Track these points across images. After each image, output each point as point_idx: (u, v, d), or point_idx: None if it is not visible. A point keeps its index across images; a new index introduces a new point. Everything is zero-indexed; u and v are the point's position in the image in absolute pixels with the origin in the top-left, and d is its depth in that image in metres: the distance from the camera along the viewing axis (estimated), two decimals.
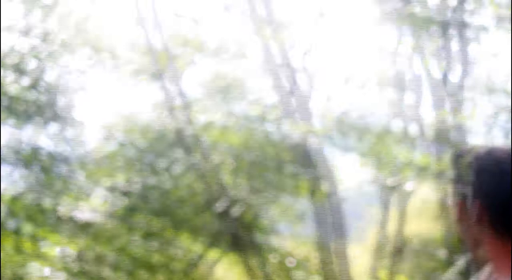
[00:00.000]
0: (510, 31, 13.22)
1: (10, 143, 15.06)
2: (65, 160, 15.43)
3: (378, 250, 19.31)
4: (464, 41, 14.69)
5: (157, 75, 15.15)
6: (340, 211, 17.63)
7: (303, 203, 17.10)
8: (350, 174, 19.82)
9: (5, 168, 15.39)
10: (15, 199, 14.95)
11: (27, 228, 14.96)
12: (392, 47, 17.48)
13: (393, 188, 18.30)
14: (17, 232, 15.05)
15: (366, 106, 18.60)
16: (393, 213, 19.61)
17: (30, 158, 14.92)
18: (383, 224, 19.37)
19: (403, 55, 17.05)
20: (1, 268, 15.19)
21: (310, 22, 16.94)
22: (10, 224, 15.23)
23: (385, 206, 19.37)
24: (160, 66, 14.99)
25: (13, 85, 14.96)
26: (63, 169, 15.46)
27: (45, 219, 15.17)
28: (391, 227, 19.50)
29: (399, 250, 19.68)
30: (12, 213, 14.95)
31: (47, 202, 15.30)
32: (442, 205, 16.67)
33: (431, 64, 15.53)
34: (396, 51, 17.48)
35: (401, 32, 15.81)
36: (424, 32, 14.92)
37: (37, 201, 15.23)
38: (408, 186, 18.22)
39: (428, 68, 15.37)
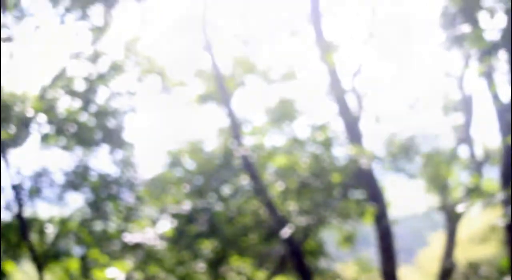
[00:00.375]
0: None
1: (77, 169, 15.14)
2: (131, 186, 15.47)
3: (444, 276, 18.98)
4: None
5: (223, 101, 15.14)
6: (402, 236, 17.45)
7: (366, 229, 16.91)
8: (416, 200, 19.62)
9: (72, 194, 15.49)
10: (82, 225, 15.02)
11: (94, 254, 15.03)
12: (458, 71, 17.32)
13: (458, 214, 18.01)
14: (84, 258, 15.11)
15: (432, 131, 18.41)
16: (459, 239, 19.29)
17: (98, 185, 14.98)
18: (448, 250, 19.03)
19: (470, 79, 16.89)
20: None
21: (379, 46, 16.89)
22: (77, 250, 15.31)
23: (451, 231, 19.04)
24: (227, 92, 14.97)
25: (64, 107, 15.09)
26: (127, 195, 15.51)
27: (110, 245, 15.21)
28: (457, 252, 19.18)
29: (465, 276, 19.40)
30: (79, 240, 15.01)
31: (112, 228, 15.36)
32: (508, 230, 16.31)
33: (499, 89, 15.28)
34: (463, 75, 17.30)
35: (468, 56, 15.62)
36: (492, 56, 14.67)
37: (103, 227, 15.29)
38: (474, 211, 17.98)
39: (496, 92, 15.13)
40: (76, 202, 15.75)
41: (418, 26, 17.01)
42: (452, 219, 19.21)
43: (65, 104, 15.13)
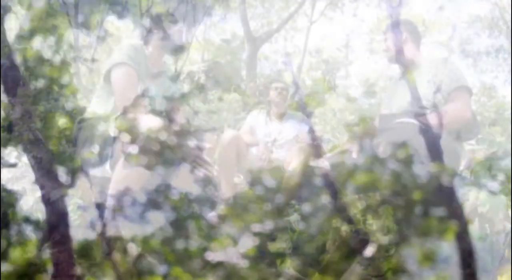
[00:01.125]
0: None
1: (159, 188, 15.27)
2: (212, 204, 15.55)
3: None
4: None
5: (303, 118, 15.16)
6: (484, 254, 17.21)
7: (447, 246, 16.74)
8: (498, 217, 19.40)
9: (153, 213, 15.62)
10: (164, 243, 15.13)
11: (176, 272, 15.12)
12: None
13: None
14: (166, 277, 15.22)
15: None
16: None
17: (179, 204, 15.09)
18: None
19: None
20: None
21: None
22: (160, 268, 15.42)
23: None
24: (307, 109, 15.00)
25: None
26: (209, 214, 15.58)
27: (192, 263, 15.30)
28: None
29: None
30: (161, 259, 15.13)
31: (194, 247, 15.45)
32: None
33: None
34: None
35: None
36: None
37: (184, 245, 15.39)
38: None
39: None
40: (157, 221, 15.89)
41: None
42: None
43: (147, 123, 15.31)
